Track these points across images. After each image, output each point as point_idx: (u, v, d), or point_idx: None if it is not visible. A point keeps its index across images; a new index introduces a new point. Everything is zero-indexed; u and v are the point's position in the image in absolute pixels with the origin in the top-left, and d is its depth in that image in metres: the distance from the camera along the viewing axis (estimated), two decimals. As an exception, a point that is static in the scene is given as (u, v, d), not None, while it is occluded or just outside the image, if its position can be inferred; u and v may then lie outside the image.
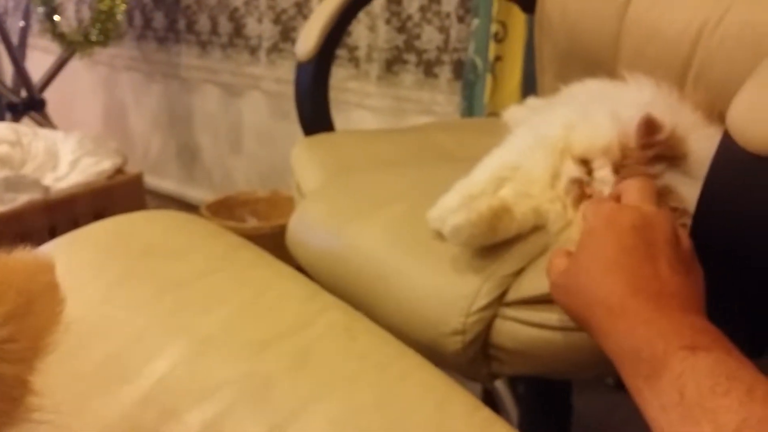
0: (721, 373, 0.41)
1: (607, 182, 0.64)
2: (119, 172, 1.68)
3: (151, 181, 2.29)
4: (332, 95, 1.12)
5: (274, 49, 1.95)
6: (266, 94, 2.03)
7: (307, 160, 0.99)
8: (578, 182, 0.66)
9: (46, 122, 2.20)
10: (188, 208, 2.23)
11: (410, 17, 1.66)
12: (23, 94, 2.22)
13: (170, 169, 2.42)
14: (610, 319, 0.50)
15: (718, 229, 0.57)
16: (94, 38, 2.04)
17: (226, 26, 2.05)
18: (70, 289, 0.62)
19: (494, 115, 1.42)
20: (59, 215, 1.54)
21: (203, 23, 2.11)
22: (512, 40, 1.41)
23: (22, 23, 2.33)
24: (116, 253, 0.68)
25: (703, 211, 0.57)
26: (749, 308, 0.58)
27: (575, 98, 0.84)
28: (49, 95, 2.25)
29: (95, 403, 0.51)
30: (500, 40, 1.42)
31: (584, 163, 0.67)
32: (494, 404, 1.11)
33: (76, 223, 1.45)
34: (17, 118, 2.18)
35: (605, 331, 0.50)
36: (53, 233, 1.51)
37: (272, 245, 0.77)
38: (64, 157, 1.69)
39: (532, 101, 1.04)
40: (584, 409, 1.14)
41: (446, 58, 1.62)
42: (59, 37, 2.06)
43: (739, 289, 0.57)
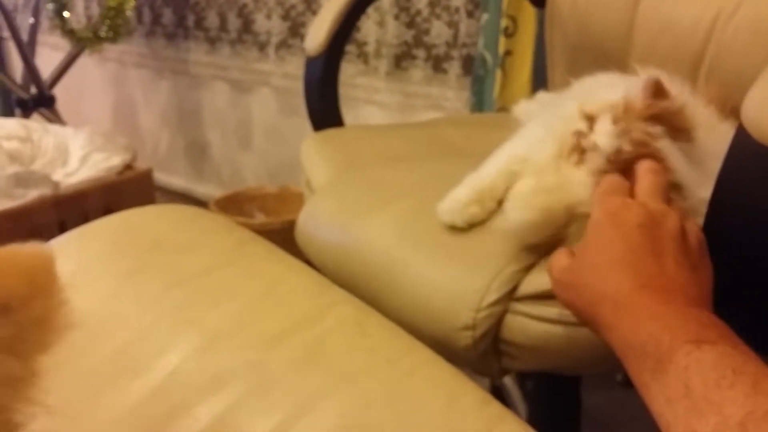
0: (726, 366, 0.41)
1: (604, 134, 0.62)
2: (129, 167, 1.68)
3: (160, 177, 2.30)
4: (341, 91, 1.12)
5: (283, 45, 1.95)
6: (275, 90, 2.03)
7: (316, 155, 0.99)
8: (578, 134, 0.65)
9: (55, 118, 2.20)
10: (197, 204, 2.23)
11: (419, 12, 1.66)
12: (33, 90, 2.22)
13: (179, 165, 2.43)
14: (616, 313, 0.50)
15: (732, 222, 0.56)
16: (103, 35, 2.05)
17: (235, 22, 2.05)
18: (80, 283, 0.62)
19: (504, 110, 1.42)
20: (69, 210, 1.54)
21: (212, 19, 2.11)
22: (522, 34, 1.40)
23: (31, 20, 2.33)
24: (126, 247, 0.68)
25: (717, 204, 0.57)
26: (761, 302, 0.58)
27: (586, 92, 0.84)
28: (58, 91, 2.26)
29: (105, 397, 0.51)
30: (510, 34, 1.41)
31: (590, 119, 0.66)
32: (503, 400, 1.11)
33: (85, 218, 1.45)
34: (27, 114, 2.19)
35: (611, 326, 0.50)
36: (63, 228, 1.51)
37: (281, 241, 0.77)
38: (73, 152, 1.70)
39: (542, 96, 1.04)
40: (593, 405, 1.13)
41: (455, 53, 1.61)
42: (69, 33, 2.06)
43: (751, 282, 0.57)
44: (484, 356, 0.69)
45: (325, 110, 1.11)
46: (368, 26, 1.73)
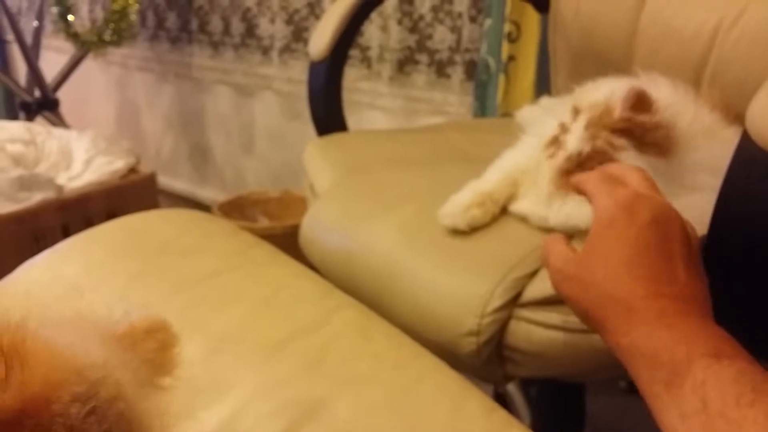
0: (746, 383, 0.40)
1: (573, 135, 0.64)
2: (132, 171, 1.69)
3: (163, 180, 2.30)
4: (344, 96, 1.12)
5: (286, 49, 1.95)
6: (278, 94, 2.03)
7: (320, 160, 0.99)
8: (561, 126, 0.67)
9: (59, 122, 2.21)
10: (200, 207, 2.24)
11: (422, 17, 1.66)
12: (37, 93, 2.23)
13: (182, 169, 2.43)
14: (627, 319, 0.48)
15: (736, 230, 0.56)
16: (107, 38, 2.05)
17: (238, 27, 2.06)
18: (85, 287, 0.63)
19: (507, 115, 1.42)
20: (73, 214, 1.54)
21: (216, 24, 2.12)
22: (526, 40, 1.40)
23: (36, 23, 2.34)
24: (131, 251, 0.68)
25: (721, 211, 0.57)
26: (766, 309, 0.58)
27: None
28: (62, 95, 2.27)
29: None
30: (513, 40, 1.41)
31: (575, 113, 0.67)
32: (506, 406, 1.10)
33: (89, 222, 1.46)
34: (31, 117, 2.20)
35: (620, 330, 0.49)
36: (66, 232, 1.52)
37: (284, 245, 0.77)
38: (77, 156, 1.70)
39: (545, 101, 1.04)
40: (597, 411, 1.13)
41: (458, 58, 1.62)
42: (73, 37, 2.07)
43: (756, 289, 0.57)
44: (488, 362, 0.69)
45: (328, 115, 1.12)
46: (371, 31, 1.74)
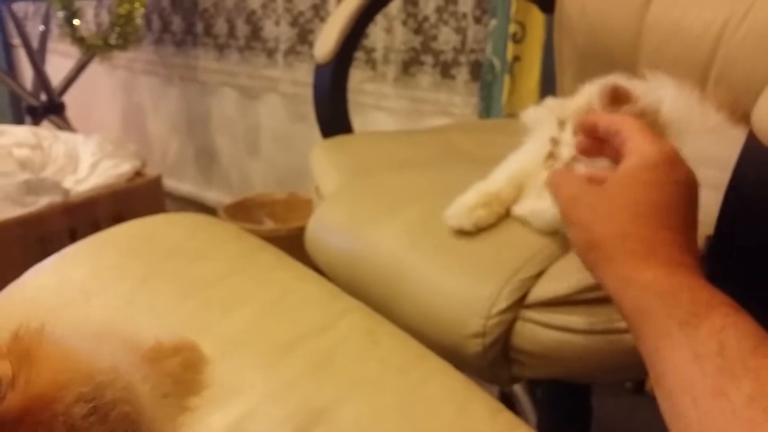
0: (765, 336, 0.39)
1: (565, 142, 0.64)
2: (138, 174, 1.69)
3: (169, 183, 2.31)
4: (349, 97, 1.12)
5: (291, 51, 1.95)
6: (283, 96, 2.04)
7: (325, 162, 1.00)
8: (553, 141, 0.67)
9: (65, 125, 2.22)
10: (206, 210, 2.24)
11: (427, 18, 1.66)
12: (43, 97, 2.24)
13: (188, 171, 2.44)
14: (647, 258, 0.47)
15: (743, 228, 0.56)
16: (113, 42, 2.06)
17: (243, 29, 2.06)
18: (93, 291, 0.63)
19: (512, 116, 1.42)
20: (79, 217, 1.55)
21: (221, 26, 2.12)
22: (531, 40, 1.40)
23: (42, 28, 2.35)
24: (139, 255, 0.68)
25: (728, 211, 0.56)
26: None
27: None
28: (68, 99, 2.28)
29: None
30: (518, 40, 1.41)
31: (561, 125, 0.67)
32: (512, 408, 1.10)
33: (96, 225, 1.47)
34: (37, 121, 2.21)
35: (637, 267, 0.47)
36: (73, 235, 1.52)
37: (289, 247, 0.77)
38: (84, 159, 1.71)
39: (550, 101, 1.03)
40: (603, 412, 1.13)
41: (463, 59, 1.62)
42: (79, 41, 2.08)
43: (763, 288, 0.57)
44: (494, 364, 0.68)
45: (333, 117, 1.12)
46: (376, 33, 1.74)
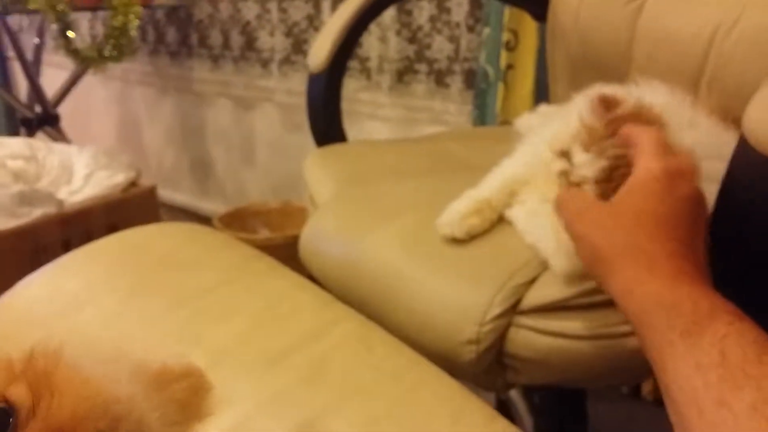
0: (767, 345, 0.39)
1: (584, 165, 0.64)
2: (133, 185, 1.69)
3: (164, 193, 2.31)
4: (344, 106, 1.13)
5: (286, 61, 1.96)
6: (278, 106, 2.04)
7: (320, 171, 1.00)
8: (564, 174, 0.66)
9: (60, 137, 2.22)
10: (201, 220, 2.24)
11: (420, 28, 1.67)
12: (38, 109, 2.24)
13: (183, 181, 2.43)
14: (650, 269, 0.48)
15: (735, 233, 0.56)
16: (107, 54, 2.06)
17: (238, 40, 2.07)
18: (85, 302, 0.63)
19: (506, 123, 1.42)
20: (73, 228, 1.55)
21: (215, 37, 2.13)
22: (524, 48, 1.41)
23: (36, 40, 2.36)
24: (131, 265, 0.68)
25: (720, 215, 0.57)
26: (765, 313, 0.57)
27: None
28: (63, 110, 2.28)
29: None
30: (512, 48, 1.42)
31: (564, 154, 0.67)
32: (509, 414, 1.10)
33: (90, 236, 1.46)
34: (32, 133, 2.21)
35: (640, 279, 0.48)
36: (67, 246, 1.52)
37: (284, 256, 0.77)
38: (78, 170, 1.71)
39: (544, 108, 1.04)
40: (599, 417, 1.12)
41: (457, 67, 1.62)
42: (73, 53, 2.08)
43: (755, 292, 0.57)
44: (488, 370, 0.68)
45: (328, 126, 1.12)
46: (370, 42, 1.74)
